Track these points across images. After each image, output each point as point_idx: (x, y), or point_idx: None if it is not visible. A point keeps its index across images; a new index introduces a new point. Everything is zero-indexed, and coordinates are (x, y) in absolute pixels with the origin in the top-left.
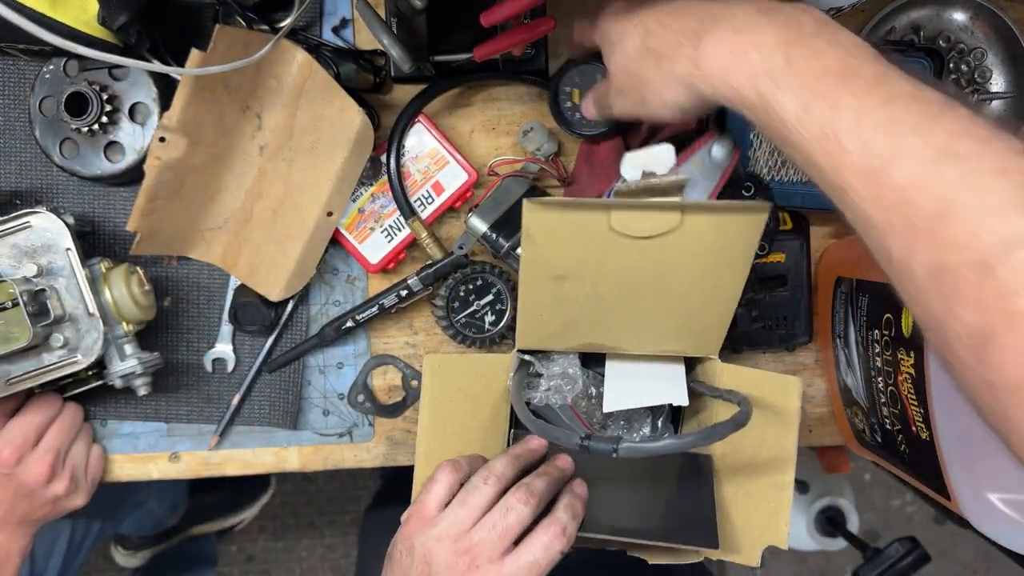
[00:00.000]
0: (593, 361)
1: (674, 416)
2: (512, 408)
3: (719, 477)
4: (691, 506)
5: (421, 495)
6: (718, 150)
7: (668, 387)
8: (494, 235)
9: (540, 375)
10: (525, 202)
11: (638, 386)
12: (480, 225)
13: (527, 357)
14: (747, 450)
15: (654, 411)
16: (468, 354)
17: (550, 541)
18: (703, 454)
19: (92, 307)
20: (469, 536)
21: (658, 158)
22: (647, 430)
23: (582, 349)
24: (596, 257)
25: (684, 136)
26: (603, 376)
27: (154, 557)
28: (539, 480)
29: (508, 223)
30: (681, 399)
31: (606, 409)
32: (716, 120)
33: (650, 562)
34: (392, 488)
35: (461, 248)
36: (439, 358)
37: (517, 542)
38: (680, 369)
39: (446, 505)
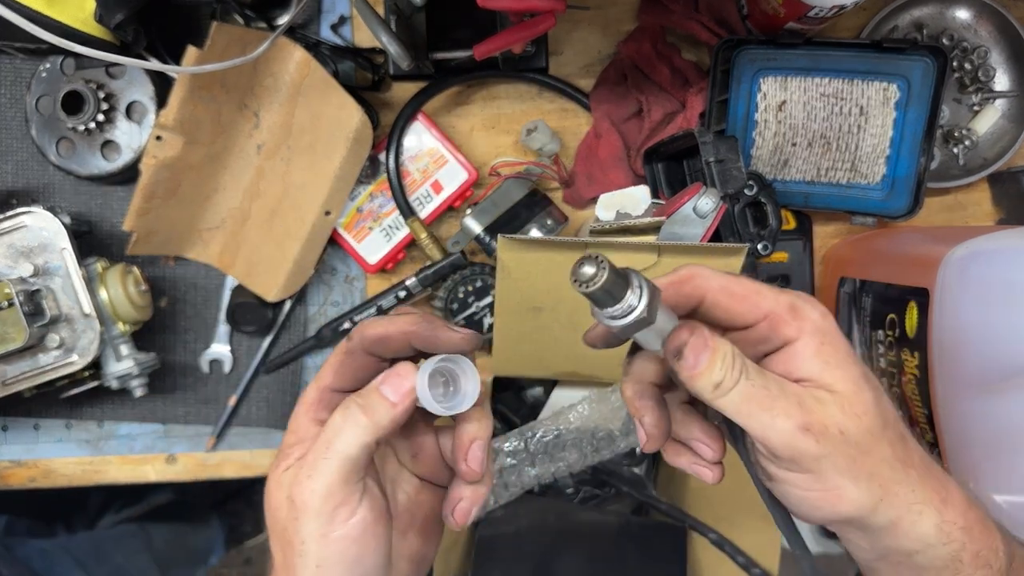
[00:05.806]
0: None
1: None
2: None
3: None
4: None
5: None
6: (705, 203)
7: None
8: (487, 238)
9: None
10: (500, 238)
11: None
12: (475, 226)
13: None
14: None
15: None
16: None
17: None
18: (678, 525)
19: (88, 307)
20: None
21: (633, 199)
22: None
23: (557, 377)
24: (572, 290)
25: (681, 136)
26: None
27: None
28: None
29: (504, 226)
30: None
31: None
32: (714, 144)
33: None
34: None
35: (456, 244)
36: None
37: None
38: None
39: None
